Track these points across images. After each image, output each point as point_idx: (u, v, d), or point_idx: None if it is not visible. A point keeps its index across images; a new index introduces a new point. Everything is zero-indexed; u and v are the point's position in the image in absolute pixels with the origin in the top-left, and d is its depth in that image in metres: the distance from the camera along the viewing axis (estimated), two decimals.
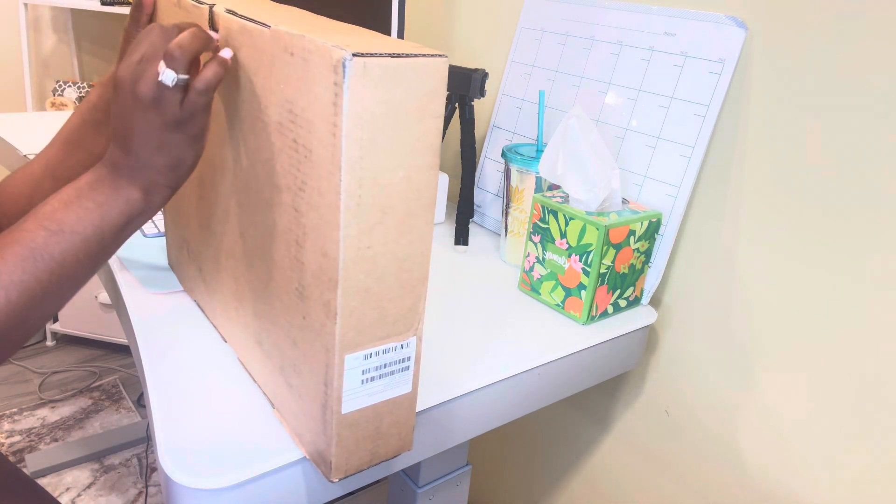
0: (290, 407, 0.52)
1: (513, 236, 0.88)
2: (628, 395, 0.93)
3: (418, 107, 0.41)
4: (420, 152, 0.42)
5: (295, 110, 0.43)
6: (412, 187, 0.43)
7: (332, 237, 0.42)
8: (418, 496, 0.84)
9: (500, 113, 1.03)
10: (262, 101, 0.48)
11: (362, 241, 0.42)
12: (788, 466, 0.75)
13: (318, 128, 0.41)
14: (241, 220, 0.55)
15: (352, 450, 0.49)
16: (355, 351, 0.45)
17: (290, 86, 0.43)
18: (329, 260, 0.42)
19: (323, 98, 0.40)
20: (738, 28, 0.73)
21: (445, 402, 0.61)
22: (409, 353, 0.48)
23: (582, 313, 0.75)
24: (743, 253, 0.76)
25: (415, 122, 0.41)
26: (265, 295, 0.53)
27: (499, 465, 1.23)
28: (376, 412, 0.49)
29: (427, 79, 0.41)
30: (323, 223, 0.42)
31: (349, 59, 0.37)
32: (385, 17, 0.97)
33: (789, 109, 0.70)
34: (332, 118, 0.39)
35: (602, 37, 0.87)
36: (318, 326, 0.45)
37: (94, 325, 1.91)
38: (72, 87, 1.86)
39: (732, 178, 0.76)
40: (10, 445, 1.55)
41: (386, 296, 0.45)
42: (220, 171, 0.58)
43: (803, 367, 0.72)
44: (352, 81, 0.38)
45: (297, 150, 0.44)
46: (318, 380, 0.47)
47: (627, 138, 0.84)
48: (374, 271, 0.43)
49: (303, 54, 0.41)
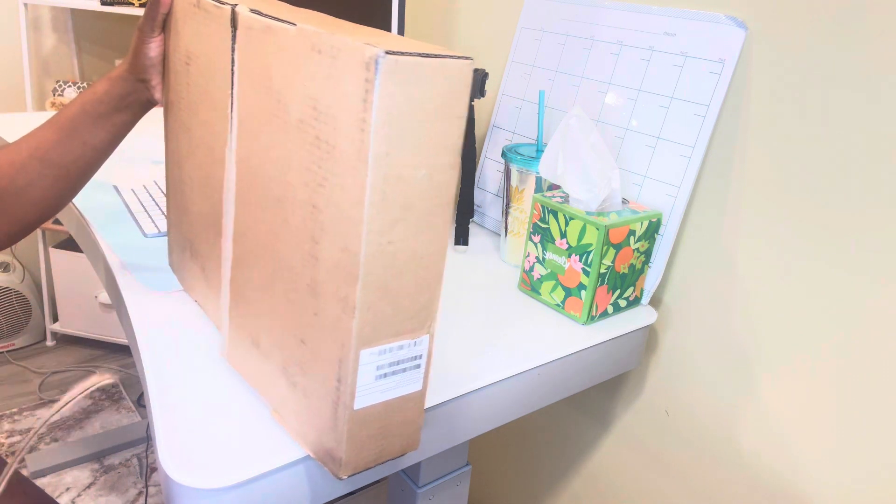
0: (292, 406, 0.52)
1: (513, 236, 0.88)
2: (628, 395, 0.93)
3: (443, 106, 0.42)
4: (442, 151, 0.43)
5: (319, 107, 0.44)
6: (433, 185, 0.44)
7: (355, 232, 0.42)
8: (418, 496, 0.84)
9: (500, 113, 1.03)
10: (281, 98, 0.48)
11: (384, 237, 0.43)
12: (789, 466, 0.75)
13: (344, 124, 0.42)
14: (244, 219, 0.55)
15: (361, 446, 0.49)
16: (371, 346, 0.46)
17: (316, 83, 0.44)
18: (349, 255, 0.43)
19: (352, 94, 0.41)
20: (738, 28, 0.73)
21: (446, 402, 0.61)
22: (421, 350, 0.49)
23: (582, 313, 0.75)
24: (743, 253, 0.76)
25: (439, 121, 0.42)
26: (268, 293, 0.53)
27: (499, 465, 1.23)
28: (387, 409, 0.49)
29: (452, 79, 0.42)
30: (344, 218, 0.43)
31: (382, 56, 0.38)
32: (385, 16, 0.97)
33: (789, 109, 0.70)
34: (362, 114, 0.40)
35: (602, 37, 0.87)
36: (332, 322, 0.46)
37: (94, 325, 1.91)
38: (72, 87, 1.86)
39: (732, 177, 0.76)
40: (10, 445, 1.55)
41: (402, 292, 0.46)
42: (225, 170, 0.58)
43: (803, 367, 0.72)
44: (383, 78, 0.39)
45: (319, 146, 0.44)
46: (330, 376, 0.47)
47: (627, 138, 0.84)
48: (392, 267, 0.44)
49: (332, 52, 0.42)
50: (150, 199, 0.96)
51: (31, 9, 1.87)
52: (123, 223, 0.88)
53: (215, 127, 0.59)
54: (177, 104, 0.67)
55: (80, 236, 0.94)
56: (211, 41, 0.58)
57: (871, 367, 0.67)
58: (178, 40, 0.65)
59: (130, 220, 0.89)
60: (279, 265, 0.51)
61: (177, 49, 0.65)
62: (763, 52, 0.72)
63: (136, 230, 0.87)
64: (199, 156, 0.63)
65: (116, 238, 0.84)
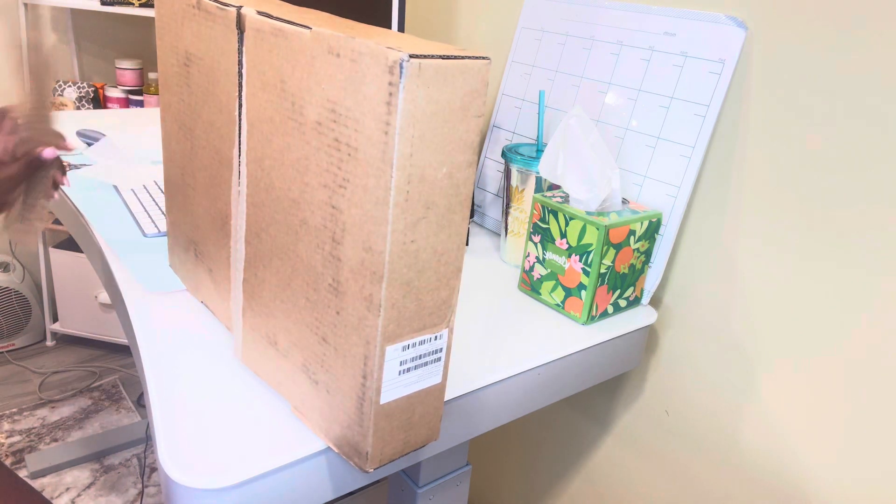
0: (313, 403, 0.53)
1: (513, 236, 0.88)
2: (628, 395, 0.93)
3: (462, 106, 0.43)
4: (462, 150, 0.44)
5: (338, 110, 0.45)
6: (453, 183, 0.45)
7: (379, 232, 0.43)
8: (418, 496, 0.84)
9: (500, 113, 1.03)
10: (296, 101, 0.49)
11: (407, 236, 0.44)
12: (789, 466, 0.75)
13: (366, 126, 0.42)
14: (257, 220, 0.56)
15: (387, 440, 0.50)
16: (395, 342, 0.47)
17: (334, 86, 0.45)
18: (374, 254, 0.44)
19: (374, 98, 0.41)
20: (738, 28, 0.73)
21: (446, 403, 0.61)
22: (441, 344, 0.50)
23: (582, 313, 0.75)
24: (743, 253, 0.76)
25: (459, 120, 0.43)
26: (285, 293, 0.54)
27: (499, 465, 1.23)
28: (409, 402, 0.50)
29: (471, 79, 0.43)
30: (367, 219, 0.44)
31: (406, 60, 0.39)
32: (385, 16, 0.97)
33: (789, 109, 0.70)
34: (385, 117, 0.41)
35: (602, 37, 0.87)
36: (356, 320, 0.47)
37: (94, 325, 1.91)
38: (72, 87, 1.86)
39: (732, 177, 0.76)
40: (10, 445, 1.55)
41: (424, 288, 0.47)
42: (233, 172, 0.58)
43: (803, 367, 0.72)
44: (408, 81, 0.40)
45: (339, 148, 0.45)
46: (355, 373, 0.48)
47: (627, 138, 0.84)
48: (415, 265, 0.45)
49: (351, 55, 0.43)
50: (150, 199, 0.96)
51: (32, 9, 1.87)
52: (123, 223, 0.88)
53: (221, 129, 0.59)
54: (175, 106, 0.67)
55: (80, 236, 0.94)
56: (214, 43, 0.58)
57: (872, 367, 0.67)
58: (175, 41, 0.64)
59: (130, 220, 0.89)
60: (297, 265, 0.52)
61: (174, 50, 0.65)
62: (763, 52, 0.72)
63: (136, 230, 0.87)
64: (204, 158, 0.63)
65: (116, 238, 0.84)
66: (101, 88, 1.93)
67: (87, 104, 1.88)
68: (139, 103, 1.92)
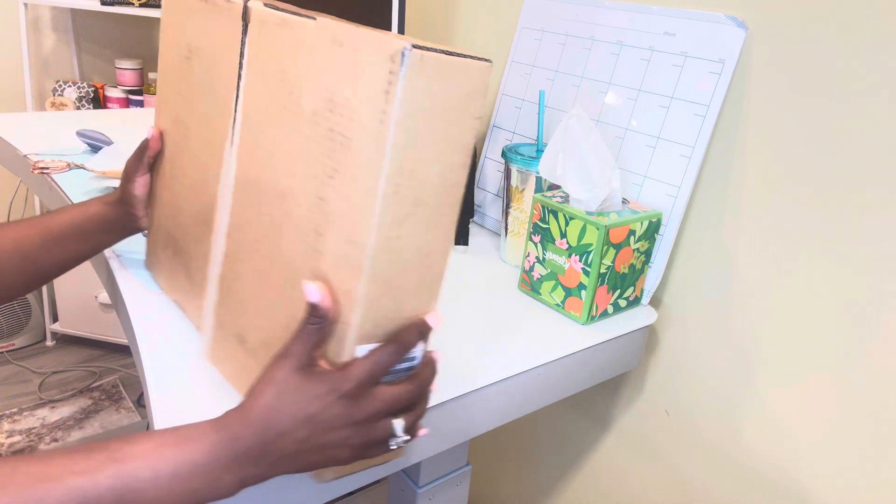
0: None
1: (513, 236, 0.88)
2: (628, 395, 0.93)
3: (460, 105, 0.42)
4: (456, 150, 0.44)
5: (335, 99, 0.44)
6: (444, 183, 0.44)
7: (365, 223, 0.42)
8: (418, 496, 0.84)
9: (500, 113, 1.03)
10: (294, 90, 0.48)
11: (392, 231, 0.43)
12: (789, 466, 0.75)
13: (362, 115, 0.42)
14: (242, 212, 0.55)
15: None
16: (368, 343, 0.45)
17: (333, 75, 0.44)
18: (356, 247, 0.43)
19: (373, 86, 0.41)
20: (738, 28, 0.73)
21: (445, 403, 0.61)
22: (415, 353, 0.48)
23: (582, 313, 0.75)
24: (743, 253, 0.76)
25: (457, 119, 0.43)
26: (261, 288, 0.53)
27: (499, 465, 1.23)
28: None
29: (472, 79, 0.42)
30: (354, 210, 0.43)
31: (409, 49, 0.39)
32: (385, 16, 0.97)
33: (789, 109, 0.70)
34: (383, 105, 0.40)
35: (602, 37, 0.87)
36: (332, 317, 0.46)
37: (94, 325, 1.91)
38: (72, 87, 1.86)
39: (732, 178, 0.76)
40: (10, 445, 1.55)
41: (404, 288, 0.46)
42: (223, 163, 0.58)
43: (803, 367, 0.72)
44: (408, 71, 0.39)
45: (333, 138, 0.45)
46: None
47: (627, 138, 0.84)
48: (398, 262, 0.44)
49: (354, 44, 0.43)
50: None
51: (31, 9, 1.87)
52: None
53: (215, 120, 0.59)
54: (172, 100, 0.67)
55: None
56: (217, 35, 0.58)
57: (872, 367, 0.67)
58: (178, 35, 0.65)
59: None
60: (276, 259, 0.51)
61: (176, 44, 0.65)
62: (763, 52, 0.72)
63: None
64: (195, 149, 0.63)
65: None
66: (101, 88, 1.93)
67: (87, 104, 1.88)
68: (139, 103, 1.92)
